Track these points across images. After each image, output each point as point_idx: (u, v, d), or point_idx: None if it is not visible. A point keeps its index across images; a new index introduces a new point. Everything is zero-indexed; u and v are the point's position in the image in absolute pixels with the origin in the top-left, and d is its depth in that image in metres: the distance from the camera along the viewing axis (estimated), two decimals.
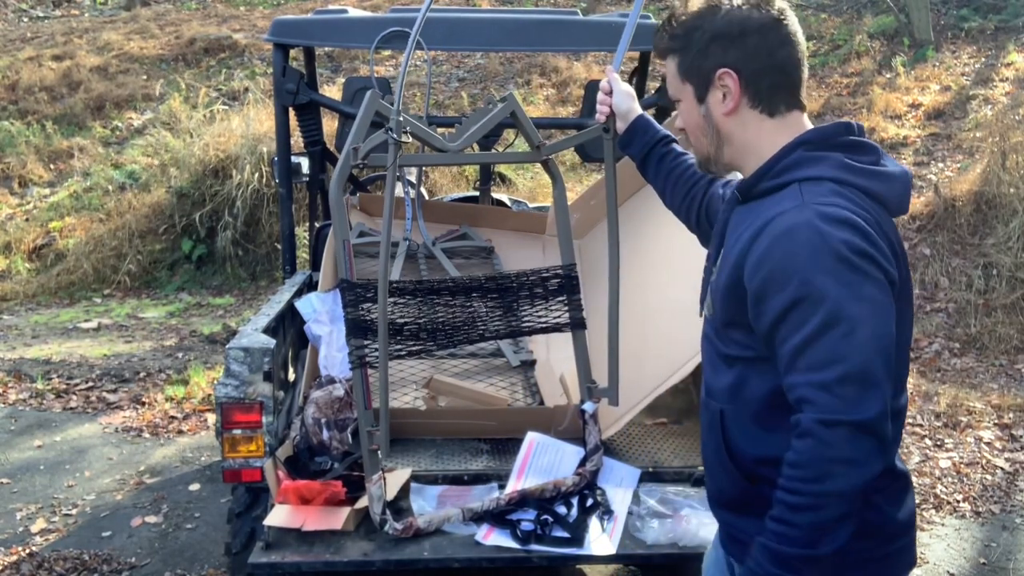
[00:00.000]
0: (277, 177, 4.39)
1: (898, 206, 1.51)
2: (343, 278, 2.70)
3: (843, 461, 1.33)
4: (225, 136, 9.07)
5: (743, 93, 1.55)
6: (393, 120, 2.54)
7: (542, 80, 11.13)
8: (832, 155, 1.49)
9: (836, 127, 1.55)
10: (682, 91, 1.63)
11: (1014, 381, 5.93)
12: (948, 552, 3.94)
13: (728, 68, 1.54)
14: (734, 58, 1.54)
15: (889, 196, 1.49)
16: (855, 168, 1.47)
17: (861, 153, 1.51)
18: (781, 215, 1.42)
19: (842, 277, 1.34)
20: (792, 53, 1.55)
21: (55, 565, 3.87)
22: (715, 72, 1.55)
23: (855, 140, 1.53)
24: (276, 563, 2.58)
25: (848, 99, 9.63)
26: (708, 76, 1.57)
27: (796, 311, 1.37)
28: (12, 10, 15.49)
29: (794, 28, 1.56)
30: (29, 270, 8.86)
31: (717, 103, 1.57)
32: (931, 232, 7.09)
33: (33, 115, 11.01)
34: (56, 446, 5.17)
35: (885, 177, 1.49)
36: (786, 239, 1.39)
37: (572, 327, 2.99)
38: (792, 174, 1.49)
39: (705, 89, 1.58)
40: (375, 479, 2.65)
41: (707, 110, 1.59)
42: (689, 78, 1.60)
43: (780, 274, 1.38)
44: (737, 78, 1.54)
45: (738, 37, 1.53)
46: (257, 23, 13.13)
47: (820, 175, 1.46)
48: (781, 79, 1.55)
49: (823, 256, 1.35)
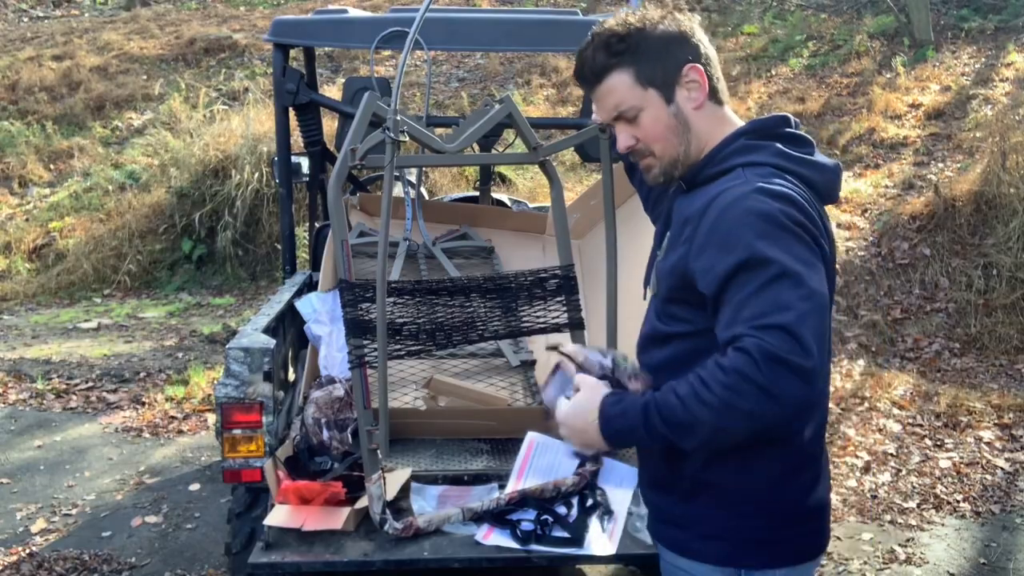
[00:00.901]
0: (277, 177, 4.39)
1: (828, 194, 1.62)
2: (342, 278, 2.70)
3: (766, 391, 1.38)
4: (225, 136, 9.07)
5: (708, 84, 1.63)
6: (390, 119, 2.55)
7: (542, 80, 11.13)
8: (771, 144, 1.60)
9: (774, 119, 1.65)
10: (645, 99, 1.62)
11: (1014, 381, 5.93)
12: (948, 552, 3.94)
13: (692, 63, 1.62)
14: (693, 54, 1.63)
15: (821, 184, 1.59)
16: (792, 156, 1.58)
17: (797, 144, 1.62)
18: (726, 191, 1.52)
19: (781, 241, 1.44)
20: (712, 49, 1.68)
21: (55, 565, 3.87)
22: (681, 69, 1.62)
23: (791, 132, 1.64)
24: (276, 563, 2.58)
25: (848, 99, 9.63)
26: (674, 75, 1.62)
27: (742, 273, 1.44)
28: (12, 10, 15.49)
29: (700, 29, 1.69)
30: (29, 270, 8.86)
31: (685, 99, 1.63)
32: (931, 232, 7.09)
33: (33, 115, 11.01)
34: (56, 446, 5.17)
35: (818, 167, 1.60)
36: (731, 209, 1.49)
37: (571, 327, 2.99)
38: (734, 160, 1.59)
39: (672, 89, 1.62)
40: (375, 478, 2.65)
41: (677, 108, 1.63)
42: (652, 83, 1.62)
43: (726, 241, 1.47)
44: (702, 70, 1.62)
45: (685, 37, 1.64)
46: (257, 23, 13.13)
47: (761, 161, 1.57)
48: (718, 71, 1.67)
49: (765, 223, 1.45)
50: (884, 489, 4.49)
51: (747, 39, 11.56)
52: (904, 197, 7.67)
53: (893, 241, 7.15)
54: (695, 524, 1.63)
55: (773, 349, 1.37)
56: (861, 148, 8.65)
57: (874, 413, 5.30)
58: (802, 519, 1.63)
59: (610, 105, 1.65)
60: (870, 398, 5.46)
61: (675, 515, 1.66)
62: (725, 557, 1.61)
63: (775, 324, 1.38)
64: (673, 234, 1.65)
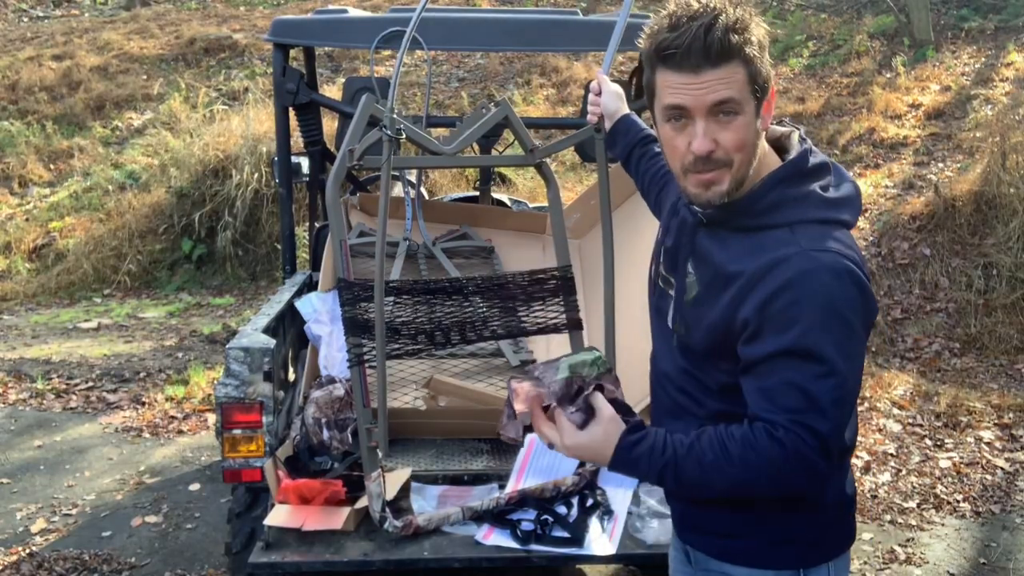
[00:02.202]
0: (277, 177, 4.39)
1: (855, 221, 1.58)
2: (340, 278, 2.71)
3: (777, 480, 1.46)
4: (225, 136, 9.07)
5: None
6: (386, 118, 2.56)
7: (542, 80, 11.13)
8: (807, 190, 1.52)
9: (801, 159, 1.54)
10: (748, 102, 1.45)
11: (1014, 381, 5.92)
12: (948, 552, 3.94)
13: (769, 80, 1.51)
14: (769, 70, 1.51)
15: (853, 219, 1.56)
16: (830, 202, 1.52)
17: (824, 176, 1.55)
18: (785, 261, 1.45)
19: (838, 334, 1.42)
20: None
21: (55, 565, 3.87)
22: (770, 82, 1.49)
23: (817, 164, 1.55)
24: (276, 563, 2.58)
25: (848, 99, 9.63)
26: (767, 88, 1.48)
27: (792, 358, 1.43)
28: (12, 10, 15.49)
29: None
30: (29, 270, 8.86)
31: (764, 120, 1.51)
32: (931, 232, 7.08)
33: (33, 115, 11.01)
34: (56, 446, 5.17)
35: (849, 202, 1.56)
36: (793, 288, 1.43)
37: (569, 328, 2.99)
38: (778, 216, 1.50)
39: (761, 103, 1.48)
40: (374, 477, 2.65)
41: (759, 126, 1.50)
42: (755, 89, 1.46)
43: (781, 320, 1.43)
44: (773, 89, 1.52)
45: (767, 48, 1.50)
46: (257, 23, 13.13)
47: (807, 218, 1.50)
48: None
49: (826, 313, 1.42)
50: (884, 489, 4.49)
51: None
52: (904, 197, 7.67)
53: (893, 241, 7.15)
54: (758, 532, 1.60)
55: (806, 451, 1.42)
56: (861, 148, 8.65)
57: (874, 413, 5.30)
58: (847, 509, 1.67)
59: (716, 94, 1.44)
60: (870, 398, 5.46)
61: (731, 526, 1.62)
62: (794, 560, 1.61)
63: (813, 428, 1.42)
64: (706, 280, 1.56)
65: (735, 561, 1.63)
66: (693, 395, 1.63)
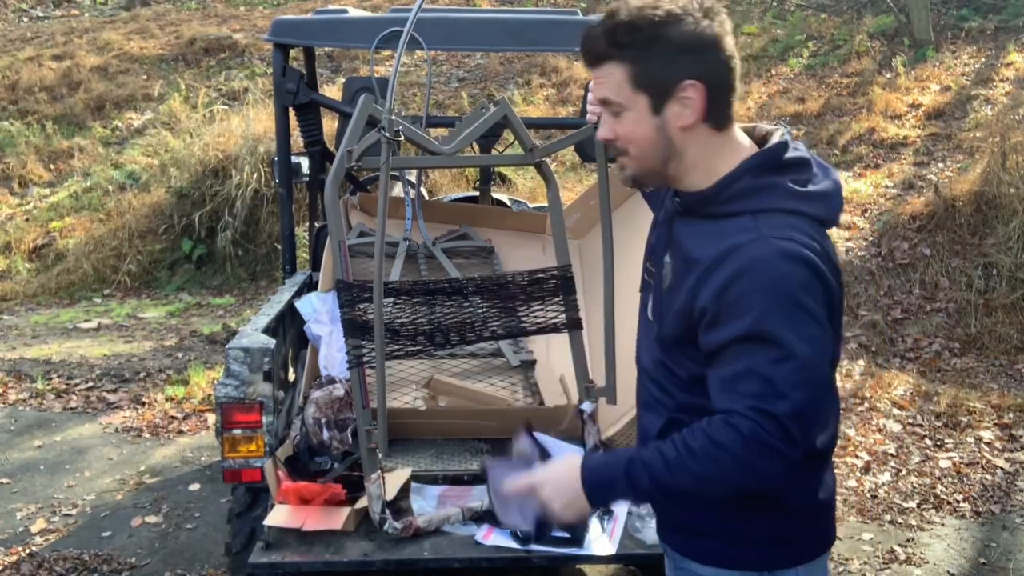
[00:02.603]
0: (277, 177, 4.39)
1: (833, 220, 1.58)
2: (339, 278, 2.71)
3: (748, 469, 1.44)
4: (225, 136, 9.07)
5: (706, 107, 1.53)
6: (385, 119, 2.56)
7: (542, 80, 11.13)
8: (778, 181, 1.53)
9: (776, 149, 1.56)
10: (633, 101, 1.53)
11: (1014, 381, 5.92)
12: (948, 552, 3.94)
13: (695, 80, 1.51)
14: (702, 71, 1.51)
15: (827, 216, 1.56)
16: (800, 195, 1.53)
17: (800, 171, 1.56)
18: (740, 248, 1.47)
19: (794, 319, 1.43)
20: (737, 67, 1.57)
21: (55, 565, 3.87)
22: (679, 83, 1.51)
23: (793, 158, 1.56)
24: (276, 563, 2.58)
25: (848, 99, 9.62)
26: (670, 87, 1.51)
27: (748, 344, 1.44)
28: (12, 10, 15.49)
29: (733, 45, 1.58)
30: (29, 270, 8.86)
31: (675, 116, 1.53)
32: (931, 232, 7.08)
33: (33, 115, 11.01)
34: (56, 446, 5.17)
35: (824, 197, 1.56)
36: (746, 275, 1.45)
37: (569, 327, 2.99)
38: (742, 204, 1.52)
39: (663, 100, 1.52)
40: (374, 478, 2.65)
41: (663, 122, 1.53)
42: (645, 88, 1.52)
43: (737, 307, 1.45)
44: (704, 91, 1.51)
45: (706, 50, 1.51)
46: (257, 23, 13.13)
47: (770, 206, 1.51)
48: (731, 94, 1.56)
49: (780, 297, 1.43)
50: (884, 489, 4.49)
51: (747, 39, 11.56)
52: (904, 197, 7.67)
53: (893, 241, 7.15)
54: (722, 532, 1.62)
55: (765, 436, 1.41)
56: (861, 148, 8.65)
57: (874, 413, 5.30)
58: (820, 514, 1.66)
59: (599, 92, 1.59)
60: (870, 398, 5.46)
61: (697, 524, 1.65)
62: (755, 562, 1.61)
63: (771, 412, 1.41)
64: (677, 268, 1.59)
65: (700, 560, 1.65)
66: (665, 387, 1.65)
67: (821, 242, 1.51)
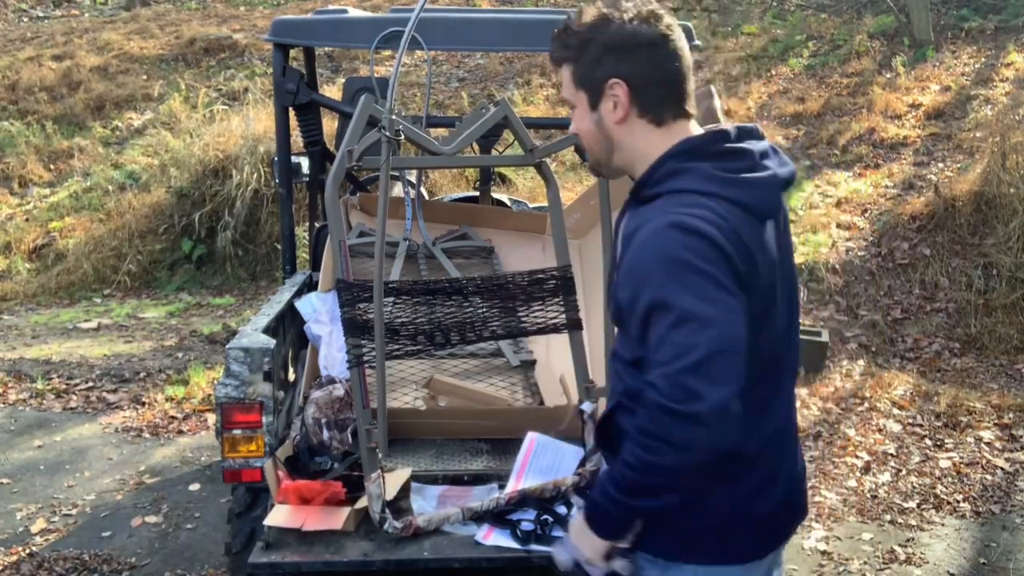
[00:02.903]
0: (277, 177, 4.39)
1: (765, 210, 1.60)
2: (339, 278, 2.71)
3: (670, 443, 1.46)
4: (225, 136, 9.07)
5: (632, 103, 1.63)
6: (385, 119, 2.56)
7: (542, 80, 11.12)
8: (699, 166, 1.58)
9: (710, 137, 1.64)
10: (577, 98, 1.68)
11: (1014, 381, 5.93)
12: (948, 552, 3.94)
13: (619, 79, 1.62)
14: (625, 70, 1.62)
15: (753, 202, 1.58)
16: (717, 178, 1.56)
17: (732, 160, 1.60)
18: (644, 226, 1.55)
19: (688, 281, 1.46)
20: (679, 67, 1.64)
21: (55, 565, 3.87)
22: (606, 82, 1.63)
23: (728, 148, 1.62)
24: (276, 563, 2.58)
25: (848, 99, 9.62)
26: (600, 86, 1.64)
27: (654, 315, 1.50)
28: (12, 10, 15.49)
29: (681, 44, 1.64)
30: (29, 270, 8.86)
31: (608, 112, 1.65)
32: (931, 232, 7.09)
33: (33, 115, 11.00)
34: (56, 446, 5.17)
35: (748, 184, 1.58)
36: (643, 248, 1.53)
37: (569, 328, 2.99)
38: (663, 185, 1.60)
39: (598, 98, 1.65)
40: (374, 477, 2.65)
41: (599, 118, 1.66)
42: (583, 87, 1.66)
43: (640, 281, 1.52)
44: (627, 89, 1.62)
45: (630, 50, 1.61)
46: (257, 23, 13.13)
47: (684, 187, 1.56)
48: (668, 91, 1.64)
49: (670, 265, 1.48)
50: (884, 489, 4.49)
51: (747, 39, 11.56)
52: (904, 197, 7.67)
53: (893, 241, 7.15)
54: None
55: (663, 401, 1.45)
56: (861, 148, 8.65)
57: (874, 413, 5.30)
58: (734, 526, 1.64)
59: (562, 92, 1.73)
60: (870, 398, 5.46)
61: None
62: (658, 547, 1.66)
63: (673, 374, 1.44)
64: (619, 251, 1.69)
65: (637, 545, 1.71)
66: (618, 371, 1.70)
67: (733, 222, 1.53)
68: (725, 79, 10.45)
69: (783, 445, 1.70)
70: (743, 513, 1.64)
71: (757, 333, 1.53)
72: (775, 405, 1.66)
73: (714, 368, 1.44)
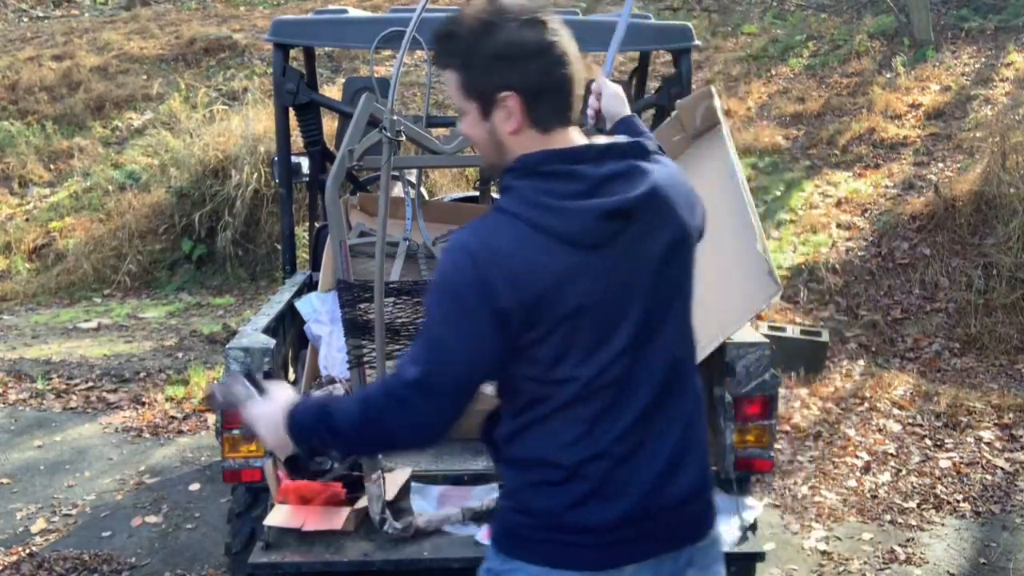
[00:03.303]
0: (277, 177, 4.39)
1: (579, 239, 1.55)
2: (340, 278, 2.71)
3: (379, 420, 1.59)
4: (225, 136, 9.07)
5: (525, 115, 1.58)
6: (386, 119, 2.56)
7: None
8: (523, 186, 1.57)
9: (539, 157, 1.59)
10: (467, 106, 1.62)
11: (1014, 381, 5.93)
12: (948, 552, 3.94)
13: (511, 91, 1.56)
14: (516, 80, 1.56)
15: (566, 231, 1.54)
16: (530, 202, 1.55)
17: (560, 182, 1.56)
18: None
19: (441, 302, 1.55)
20: (566, 73, 1.59)
21: (55, 565, 3.87)
22: (498, 93, 1.57)
23: (558, 169, 1.57)
24: (276, 563, 2.58)
25: (848, 99, 9.62)
26: (492, 96, 1.58)
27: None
28: (12, 10, 15.49)
29: (568, 47, 1.59)
30: (29, 270, 8.86)
31: (502, 121, 1.59)
32: (931, 232, 7.09)
33: (33, 115, 11.00)
34: (56, 446, 5.17)
35: (563, 212, 1.54)
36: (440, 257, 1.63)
37: None
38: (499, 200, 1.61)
39: (489, 108, 1.59)
40: (374, 478, 2.65)
41: (492, 127, 1.61)
42: (472, 96, 1.60)
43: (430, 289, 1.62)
44: (520, 100, 1.57)
45: (518, 59, 1.55)
46: (257, 23, 13.13)
47: (503, 206, 1.58)
48: (556, 98, 1.60)
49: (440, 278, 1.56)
50: (884, 489, 4.49)
51: (747, 39, 11.56)
52: (904, 197, 7.67)
53: (893, 241, 7.15)
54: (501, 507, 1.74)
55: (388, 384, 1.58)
56: (861, 148, 8.65)
57: (874, 413, 5.30)
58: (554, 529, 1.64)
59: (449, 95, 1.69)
60: (870, 398, 5.46)
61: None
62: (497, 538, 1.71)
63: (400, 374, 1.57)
64: None
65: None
66: None
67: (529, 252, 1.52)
68: (725, 79, 10.45)
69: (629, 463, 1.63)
70: (569, 522, 1.62)
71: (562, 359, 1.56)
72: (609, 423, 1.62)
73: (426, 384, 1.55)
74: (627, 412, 1.63)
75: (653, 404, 1.64)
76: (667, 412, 1.67)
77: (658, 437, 1.66)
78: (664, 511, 1.66)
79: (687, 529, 1.71)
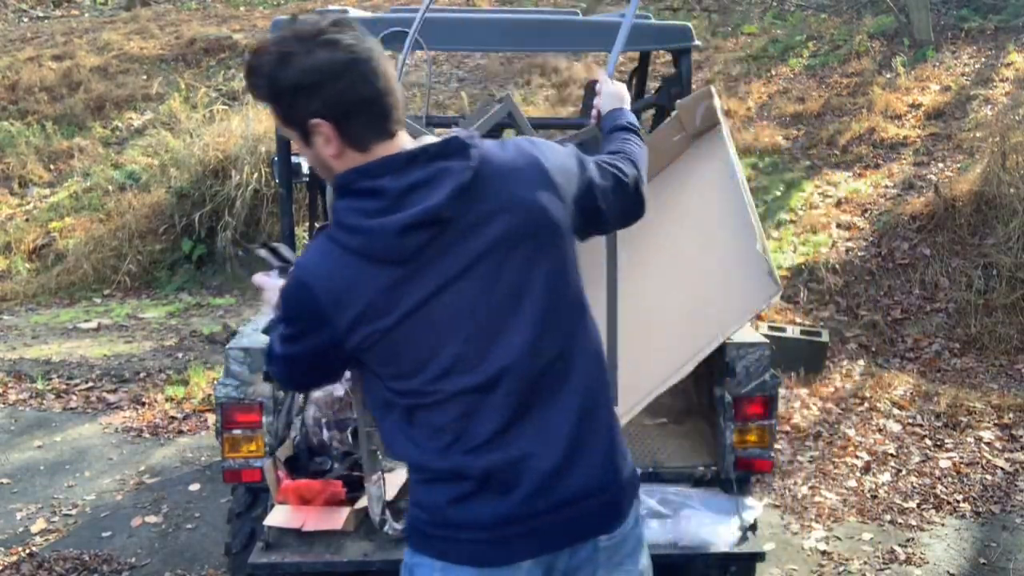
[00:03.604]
0: (277, 177, 4.38)
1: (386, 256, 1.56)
2: None
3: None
4: (225, 136, 9.07)
5: (340, 137, 1.56)
6: None
7: (542, 80, 11.13)
8: (339, 207, 1.60)
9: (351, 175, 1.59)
10: (290, 133, 1.63)
11: (1014, 381, 5.93)
12: (948, 552, 3.94)
13: (319, 118, 1.54)
14: (320, 107, 1.54)
15: (370, 251, 1.56)
16: (343, 225, 1.58)
17: (365, 200, 1.57)
18: None
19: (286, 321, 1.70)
20: (374, 87, 1.55)
21: (55, 565, 3.87)
22: (308, 122, 1.55)
23: (362, 187, 1.57)
24: (276, 563, 2.58)
25: (848, 99, 9.62)
26: (304, 125, 1.57)
27: None
28: (12, 10, 15.49)
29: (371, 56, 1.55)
30: (29, 270, 8.86)
31: (322, 147, 1.58)
32: (931, 232, 7.09)
33: (33, 115, 11.00)
34: (56, 446, 5.17)
35: (367, 233, 1.55)
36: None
37: None
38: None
39: (307, 136, 1.58)
40: (374, 479, 2.65)
41: (316, 152, 1.60)
42: (289, 126, 1.60)
43: None
44: (331, 125, 1.55)
45: (317, 86, 1.52)
46: (257, 23, 13.13)
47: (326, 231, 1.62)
48: (368, 115, 1.56)
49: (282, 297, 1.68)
50: (884, 489, 4.49)
51: (747, 39, 11.56)
52: (904, 197, 7.67)
53: (893, 241, 7.15)
54: None
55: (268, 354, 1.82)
56: (861, 148, 8.65)
57: (874, 413, 5.30)
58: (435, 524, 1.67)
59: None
60: (870, 398, 5.46)
61: None
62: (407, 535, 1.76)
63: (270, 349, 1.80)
64: None
65: None
66: None
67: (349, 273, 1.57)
68: (725, 79, 10.45)
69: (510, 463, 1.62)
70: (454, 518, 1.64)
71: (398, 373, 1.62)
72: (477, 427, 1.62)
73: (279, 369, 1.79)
74: (494, 415, 1.61)
75: (527, 404, 1.62)
76: (548, 411, 1.64)
77: (542, 435, 1.63)
78: (556, 508, 1.64)
79: (584, 525, 1.69)
